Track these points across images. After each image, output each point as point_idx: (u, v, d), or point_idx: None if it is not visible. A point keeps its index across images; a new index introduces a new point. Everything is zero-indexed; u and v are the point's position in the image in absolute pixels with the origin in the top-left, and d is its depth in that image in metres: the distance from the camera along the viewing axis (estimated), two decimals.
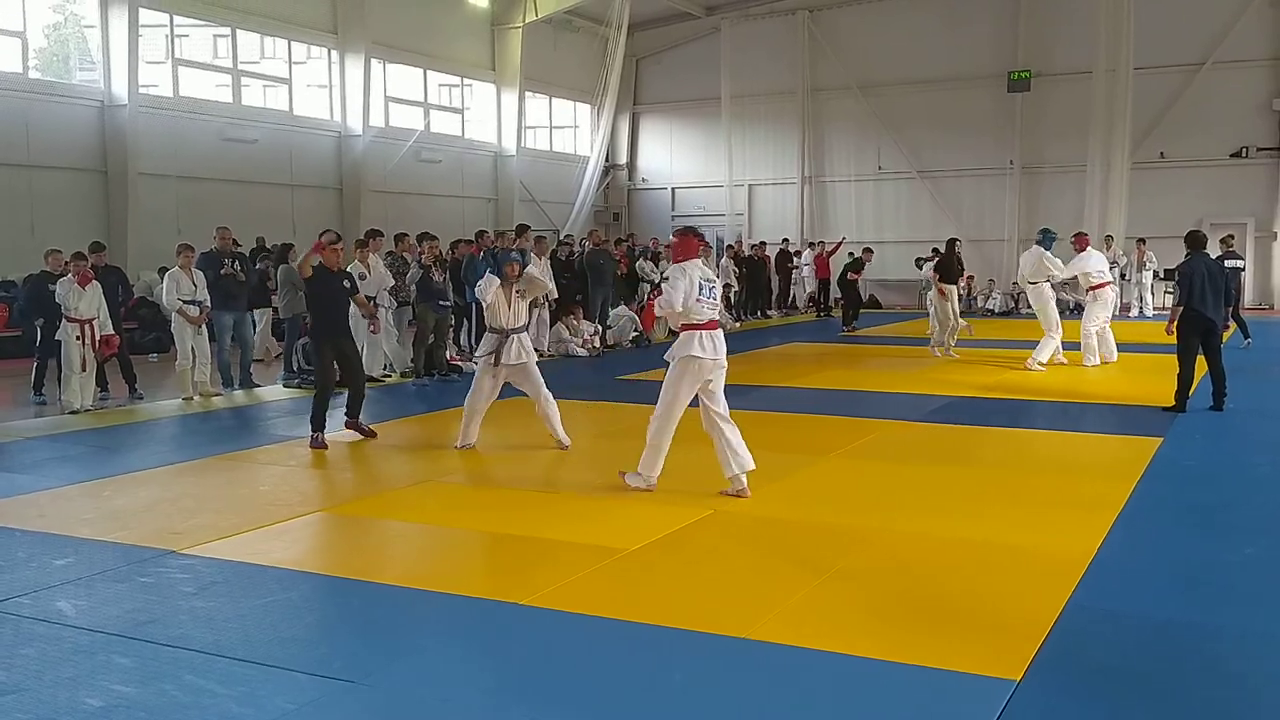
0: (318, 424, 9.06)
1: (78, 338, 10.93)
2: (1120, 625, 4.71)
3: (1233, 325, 14.65)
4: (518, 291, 8.72)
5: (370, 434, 9.43)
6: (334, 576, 5.54)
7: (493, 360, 8.67)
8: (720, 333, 7.11)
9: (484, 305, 8.81)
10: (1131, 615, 4.83)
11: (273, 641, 4.59)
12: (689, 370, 6.94)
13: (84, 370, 11.04)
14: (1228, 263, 16.00)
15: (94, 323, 11.07)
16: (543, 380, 8.80)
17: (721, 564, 5.62)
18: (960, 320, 15.58)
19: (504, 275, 8.74)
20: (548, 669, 4.30)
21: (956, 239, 16.51)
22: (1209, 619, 4.81)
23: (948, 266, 15.58)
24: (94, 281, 11.19)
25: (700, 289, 6.91)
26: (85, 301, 11.03)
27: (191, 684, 4.13)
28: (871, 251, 21.66)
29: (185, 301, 11.91)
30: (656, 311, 7.15)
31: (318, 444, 8.96)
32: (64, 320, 10.99)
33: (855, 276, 20.63)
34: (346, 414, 9.52)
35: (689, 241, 7.18)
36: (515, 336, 8.69)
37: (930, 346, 15.52)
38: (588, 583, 5.33)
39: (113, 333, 11.34)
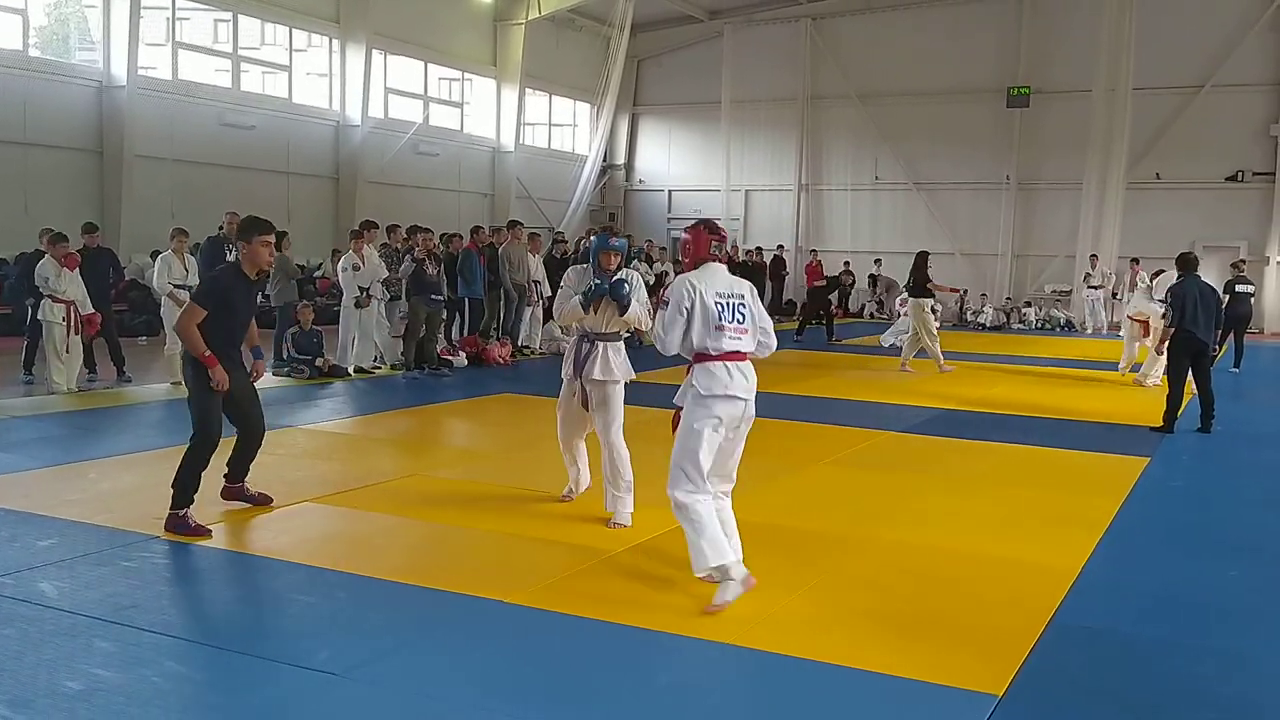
0: (185, 497, 5.98)
1: (63, 319, 10.91)
2: (1104, 643, 4.71)
3: (1223, 347, 14.71)
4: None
5: (264, 500, 6.61)
6: (318, 568, 5.51)
7: (573, 373, 6.49)
8: (750, 366, 5.17)
9: (561, 304, 6.56)
10: (1115, 633, 4.84)
11: (255, 631, 4.57)
12: (712, 413, 5.03)
13: (69, 351, 11.02)
14: (1238, 287, 16.01)
15: (75, 304, 11.07)
16: (621, 417, 6.54)
17: None
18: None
19: (598, 265, 6.38)
20: (532, 668, 4.28)
21: (926, 251, 15.78)
22: (1192, 640, 4.82)
23: (921, 280, 14.93)
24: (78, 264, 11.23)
25: (719, 312, 5.01)
26: (69, 282, 11.04)
27: (172, 671, 4.10)
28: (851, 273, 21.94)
29: (176, 286, 11.86)
30: (654, 340, 5.22)
31: (190, 527, 5.89)
32: (46, 300, 10.97)
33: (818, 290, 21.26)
34: (227, 476, 6.50)
35: (699, 237, 5.22)
36: (603, 344, 6.42)
37: (901, 363, 15.01)
38: (574, 583, 5.31)
39: (93, 311, 11.33)
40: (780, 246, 27.24)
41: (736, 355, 5.07)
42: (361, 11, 22.11)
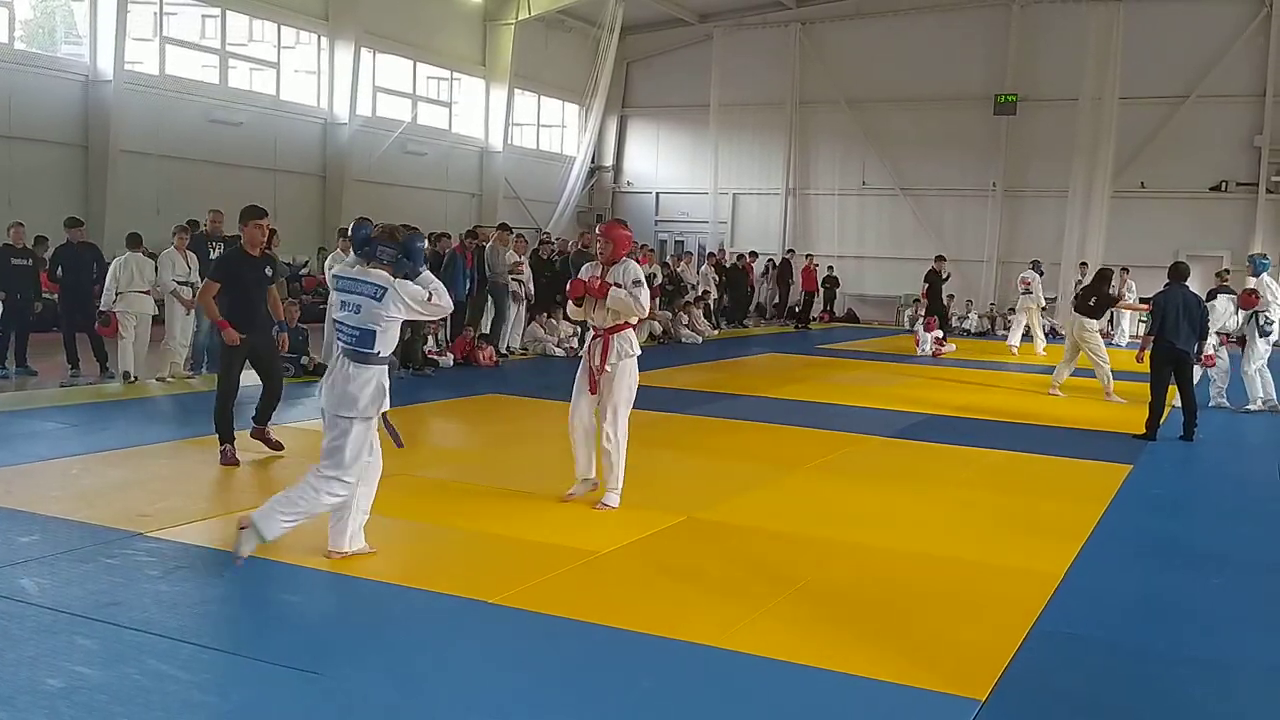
0: (226, 433, 7.71)
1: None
2: (1085, 650, 4.74)
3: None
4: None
5: (278, 446, 8.06)
6: (302, 566, 5.50)
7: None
8: None
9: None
10: (1097, 640, 4.87)
11: (237, 629, 4.56)
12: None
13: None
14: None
15: None
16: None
17: (692, 571, 5.61)
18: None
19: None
20: (515, 670, 4.28)
21: (1118, 268, 14.29)
22: (1174, 647, 4.85)
23: (1098, 296, 12.99)
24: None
25: None
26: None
27: (154, 668, 4.08)
28: (944, 259, 21.05)
29: (180, 283, 11.85)
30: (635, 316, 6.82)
31: (229, 458, 7.66)
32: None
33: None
34: (255, 419, 8.06)
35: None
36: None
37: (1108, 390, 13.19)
38: (558, 584, 5.31)
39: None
40: (790, 251, 27.33)
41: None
42: (351, 9, 22.03)
